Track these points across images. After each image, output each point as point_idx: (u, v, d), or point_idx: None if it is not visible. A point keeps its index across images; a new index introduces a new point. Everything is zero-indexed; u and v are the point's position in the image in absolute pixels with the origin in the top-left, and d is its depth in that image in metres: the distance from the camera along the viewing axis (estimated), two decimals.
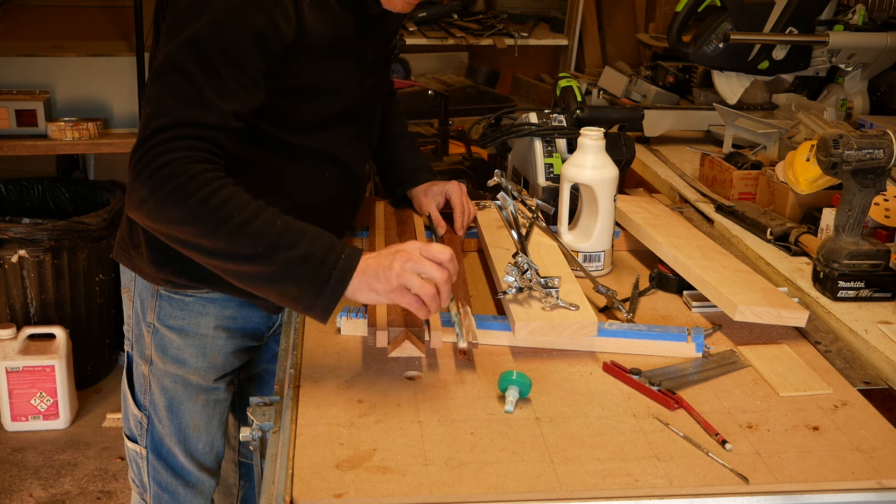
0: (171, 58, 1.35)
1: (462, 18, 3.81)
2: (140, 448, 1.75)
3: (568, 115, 2.10)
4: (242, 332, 1.70)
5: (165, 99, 1.35)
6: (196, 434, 1.72)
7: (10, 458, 3.00)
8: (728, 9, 2.59)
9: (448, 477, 1.16)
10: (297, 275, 1.29)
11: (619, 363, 1.43)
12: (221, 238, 1.30)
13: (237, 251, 1.30)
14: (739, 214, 2.04)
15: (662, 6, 3.84)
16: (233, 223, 1.29)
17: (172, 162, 1.30)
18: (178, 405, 1.70)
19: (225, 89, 1.35)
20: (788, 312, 1.54)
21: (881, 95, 2.73)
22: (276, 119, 1.49)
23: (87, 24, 3.40)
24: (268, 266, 1.29)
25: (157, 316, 1.66)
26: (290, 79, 1.46)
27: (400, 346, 1.40)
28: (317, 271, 1.29)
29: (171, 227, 1.33)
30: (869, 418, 1.32)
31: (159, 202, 1.31)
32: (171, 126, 1.32)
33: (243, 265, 1.31)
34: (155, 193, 1.30)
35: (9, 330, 3.04)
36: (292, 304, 1.35)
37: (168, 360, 1.67)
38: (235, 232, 1.29)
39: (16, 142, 3.06)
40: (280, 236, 1.30)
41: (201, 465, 1.75)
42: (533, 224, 1.85)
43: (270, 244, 1.29)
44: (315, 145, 1.57)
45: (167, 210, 1.31)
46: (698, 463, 1.20)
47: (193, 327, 1.66)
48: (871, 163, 1.62)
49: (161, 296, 1.65)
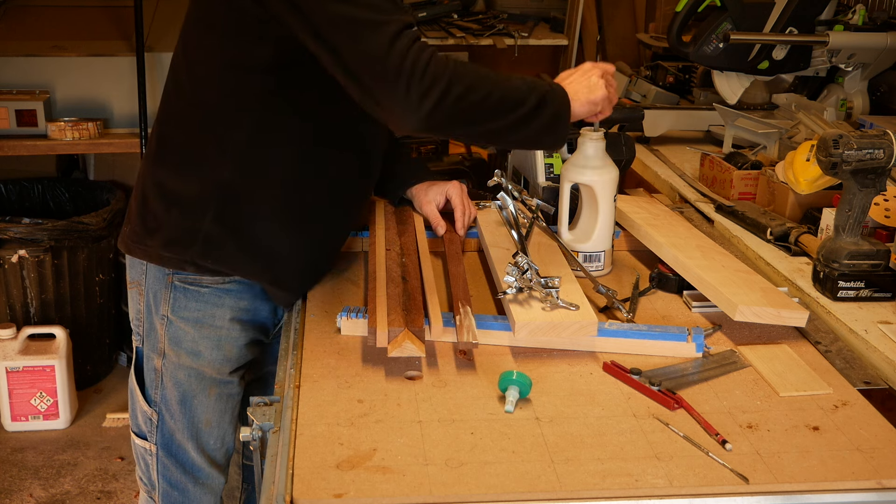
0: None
1: (462, 18, 3.81)
2: (149, 445, 1.74)
3: None
4: (253, 325, 1.70)
5: (370, 13, 1.37)
6: (208, 429, 1.72)
7: (10, 458, 3.00)
8: (728, 9, 2.59)
9: (448, 477, 1.16)
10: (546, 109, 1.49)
11: (620, 363, 1.43)
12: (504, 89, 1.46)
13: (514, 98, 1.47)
14: (739, 214, 2.04)
15: (662, 6, 3.83)
16: (501, 76, 1.47)
17: (432, 58, 1.38)
18: (192, 399, 1.69)
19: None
20: (788, 312, 1.54)
21: (881, 95, 2.73)
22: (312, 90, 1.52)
23: (87, 24, 3.40)
24: (534, 112, 1.48)
25: (171, 308, 1.65)
26: None
27: (400, 347, 1.40)
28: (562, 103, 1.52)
29: (466, 112, 1.43)
30: (869, 418, 1.32)
31: (456, 97, 1.39)
32: (401, 30, 1.37)
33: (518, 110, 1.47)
34: (449, 91, 1.38)
35: (9, 330, 3.04)
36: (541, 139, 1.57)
37: (182, 353, 1.67)
38: (505, 82, 1.47)
39: (16, 142, 3.06)
40: (523, 80, 1.49)
41: (212, 461, 1.74)
42: (533, 224, 1.85)
43: (528, 86, 1.48)
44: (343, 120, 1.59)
45: (464, 99, 1.40)
46: (698, 463, 1.20)
47: (209, 319, 1.65)
48: (871, 163, 1.62)
49: (175, 287, 1.63)
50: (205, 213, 1.56)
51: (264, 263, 1.61)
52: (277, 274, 1.62)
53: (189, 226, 1.57)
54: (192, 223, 1.57)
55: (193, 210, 1.57)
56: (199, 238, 1.57)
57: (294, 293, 1.68)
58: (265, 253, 1.60)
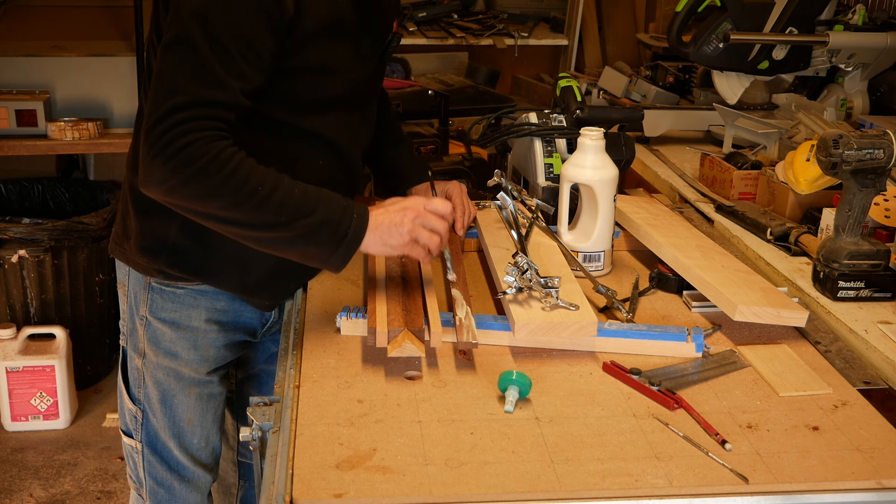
0: (181, 33, 1.37)
1: (462, 18, 3.81)
2: (135, 443, 1.76)
3: (568, 115, 2.10)
4: (234, 326, 1.70)
5: (178, 76, 1.37)
6: (191, 429, 1.72)
7: (10, 458, 3.00)
8: (728, 9, 2.59)
9: (448, 477, 1.16)
10: (316, 237, 1.41)
11: (619, 363, 1.43)
12: (246, 210, 1.38)
13: (261, 221, 1.39)
14: (739, 214, 2.04)
15: (662, 6, 3.83)
16: (257, 197, 1.37)
17: (193, 143, 1.34)
18: (172, 398, 1.70)
19: (234, 66, 1.38)
20: (788, 312, 1.54)
21: (881, 95, 2.73)
22: (273, 100, 1.50)
23: (87, 24, 3.40)
24: (289, 231, 1.40)
25: (149, 309, 1.66)
26: (289, 58, 1.46)
27: (400, 347, 1.41)
28: (333, 233, 1.41)
29: (192, 202, 1.39)
30: (869, 418, 1.32)
31: (182, 183, 1.36)
32: (187, 105, 1.35)
33: (265, 232, 1.41)
34: (178, 174, 1.35)
35: (9, 330, 3.04)
36: (310, 261, 1.46)
37: (160, 353, 1.68)
38: (260, 204, 1.38)
39: (16, 142, 3.06)
40: (299, 204, 1.40)
41: (196, 460, 1.75)
42: (533, 224, 1.85)
43: (291, 212, 1.39)
44: (311, 128, 1.57)
45: (190, 189, 1.36)
46: (698, 463, 1.20)
47: (185, 319, 1.66)
48: (871, 163, 1.62)
49: (153, 288, 1.65)
50: (171, 222, 1.56)
51: (231, 272, 1.61)
52: (246, 281, 1.62)
53: (157, 234, 1.58)
54: (160, 232, 1.59)
55: (160, 219, 1.56)
56: (167, 247, 1.59)
57: (269, 298, 1.68)
58: (232, 261, 1.60)
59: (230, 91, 1.38)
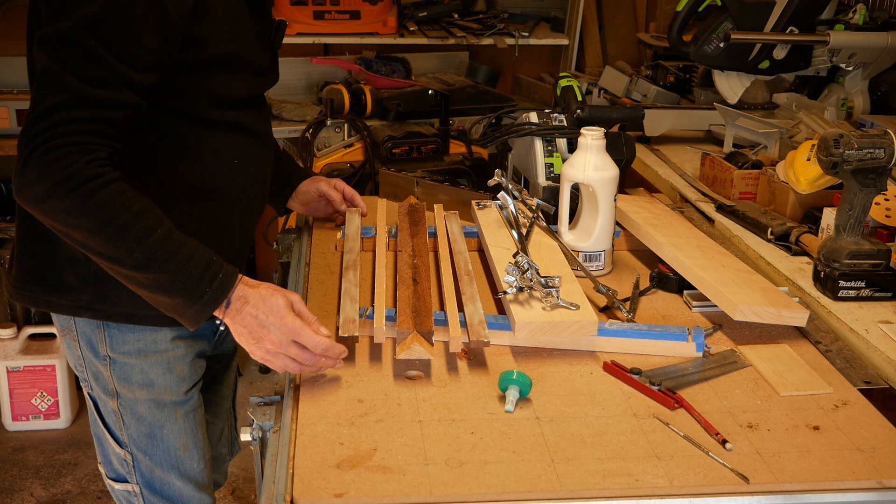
0: (65, 26, 1.27)
1: (462, 18, 3.80)
2: (132, 486, 1.67)
3: (568, 114, 2.10)
4: (194, 338, 1.63)
5: (60, 71, 1.26)
6: (188, 453, 1.65)
7: (11, 458, 3.01)
8: (729, 8, 2.59)
9: (448, 477, 1.16)
10: (170, 290, 1.32)
11: (620, 363, 1.43)
12: (101, 238, 1.29)
13: (113, 253, 1.29)
14: (740, 214, 2.04)
15: (663, 6, 3.83)
16: (114, 225, 1.28)
17: (66, 148, 1.25)
18: (160, 429, 1.62)
19: (123, 61, 1.29)
20: (789, 312, 1.54)
21: (882, 95, 2.73)
22: (178, 94, 1.43)
23: None
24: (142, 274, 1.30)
25: (109, 347, 1.57)
26: (197, 49, 1.40)
27: (409, 349, 1.40)
28: (193, 288, 1.31)
29: (59, 218, 1.29)
30: (869, 418, 1.32)
31: (48, 190, 1.26)
32: (69, 104, 1.26)
33: (122, 268, 1.31)
34: (44, 181, 1.26)
35: (9, 330, 3.04)
36: (163, 309, 1.36)
37: (135, 387, 1.59)
38: (119, 235, 1.28)
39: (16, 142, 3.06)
40: (156, 248, 1.29)
41: (199, 484, 1.68)
42: (533, 224, 1.85)
43: (148, 254, 1.29)
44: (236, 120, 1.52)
45: (54, 200, 1.26)
46: (698, 463, 1.20)
47: (152, 345, 1.57)
48: (871, 162, 1.62)
49: (108, 326, 1.55)
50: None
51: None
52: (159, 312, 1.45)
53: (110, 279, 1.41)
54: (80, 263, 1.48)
55: None
56: (90, 279, 1.49)
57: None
58: None
59: (117, 87, 1.29)
